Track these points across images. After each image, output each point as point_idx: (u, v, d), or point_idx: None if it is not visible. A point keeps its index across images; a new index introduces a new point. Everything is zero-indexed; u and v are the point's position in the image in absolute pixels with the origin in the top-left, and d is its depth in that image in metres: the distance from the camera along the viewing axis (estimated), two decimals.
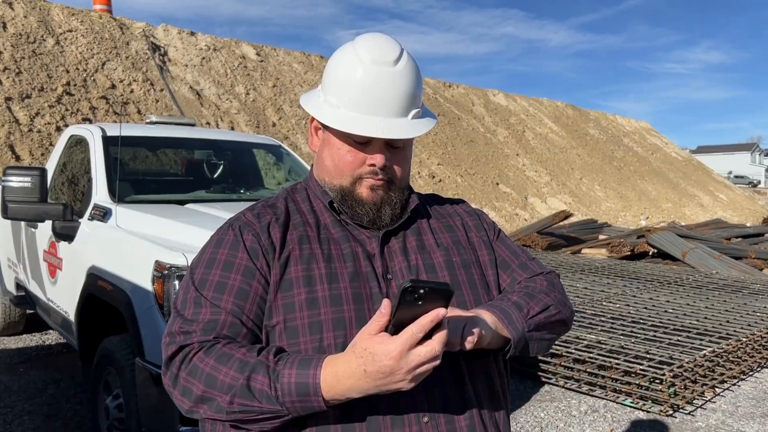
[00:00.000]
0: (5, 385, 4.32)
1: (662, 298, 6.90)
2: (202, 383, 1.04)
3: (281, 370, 1.01)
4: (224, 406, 1.03)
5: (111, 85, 11.76)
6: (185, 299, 1.16)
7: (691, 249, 10.18)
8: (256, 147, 4.85)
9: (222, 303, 1.12)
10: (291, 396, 0.99)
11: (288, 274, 1.15)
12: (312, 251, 1.18)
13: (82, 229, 3.49)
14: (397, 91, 1.16)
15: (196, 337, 1.09)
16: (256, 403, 1.01)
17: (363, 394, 0.99)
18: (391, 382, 0.96)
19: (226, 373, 1.03)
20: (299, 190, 1.31)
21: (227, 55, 14.97)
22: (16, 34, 11.19)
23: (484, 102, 22.54)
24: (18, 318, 5.29)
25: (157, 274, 2.74)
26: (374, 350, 0.94)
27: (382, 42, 1.19)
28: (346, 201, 1.21)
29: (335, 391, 0.98)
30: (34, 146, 9.70)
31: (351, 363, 0.97)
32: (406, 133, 1.17)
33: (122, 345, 2.97)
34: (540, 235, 12.48)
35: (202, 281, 1.16)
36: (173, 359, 1.09)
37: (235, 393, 1.02)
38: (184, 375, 1.07)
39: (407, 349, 0.93)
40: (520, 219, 16.67)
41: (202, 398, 1.05)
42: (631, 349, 4.90)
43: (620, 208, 21.10)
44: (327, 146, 1.23)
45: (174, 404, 2.74)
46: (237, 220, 1.24)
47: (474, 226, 1.35)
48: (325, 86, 1.22)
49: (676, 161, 29.94)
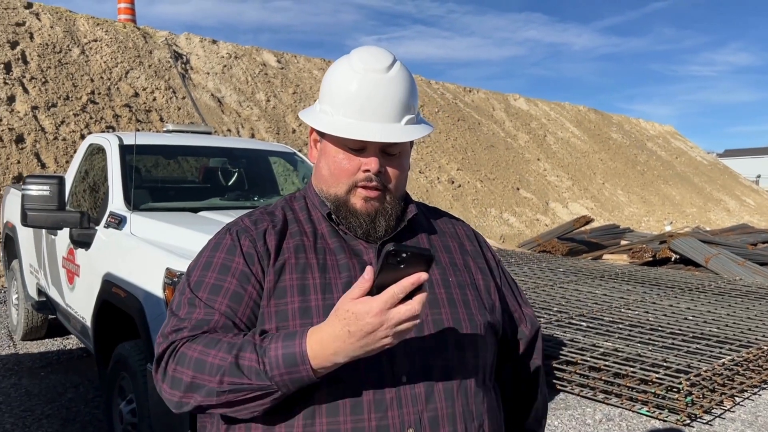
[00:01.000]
0: (26, 388, 4.41)
1: (682, 305, 6.81)
2: (191, 369, 1.05)
3: (267, 345, 1.03)
4: (215, 387, 1.03)
5: (134, 93, 11.96)
6: (180, 301, 1.17)
7: (714, 255, 10.02)
8: (270, 154, 4.90)
9: (216, 305, 1.14)
10: (279, 368, 1.00)
11: (282, 281, 1.16)
12: (307, 261, 1.19)
13: (99, 237, 3.56)
14: (390, 97, 1.18)
15: (185, 333, 1.11)
16: (245, 380, 1.02)
17: (349, 357, 1.00)
18: (374, 340, 0.97)
19: (215, 356, 1.04)
20: (298, 198, 1.32)
21: (248, 62, 15.13)
22: (43, 44, 11.44)
23: (504, 107, 22.46)
24: (40, 323, 5.40)
25: (168, 281, 2.78)
26: (356, 310, 0.96)
27: (375, 51, 1.22)
28: (341, 211, 1.22)
29: (322, 357, 1.00)
30: (59, 154, 9.90)
31: (335, 326, 0.99)
32: (398, 137, 1.18)
33: (135, 350, 3.02)
34: (560, 241, 12.39)
35: (197, 283, 1.17)
36: (162, 356, 1.11)
37: (224, 372, 1.02)
38: (173, 366, 1.08)
39: (388, 308, 0.96)
40: (541, 224, 16.56)
41: (191, 385, 1.05)
42: (648, 356, 4.84)
43: (643, 213, 20.85)
44: (324, 155, 1.24)
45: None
46: (235, 225, 1.26)
47: (471, 252, 1.35)
48: (321, 97, 1.25)
49: (702, 165, 29.50)
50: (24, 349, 5.30)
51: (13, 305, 5.71)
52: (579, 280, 8.36)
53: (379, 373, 1.11)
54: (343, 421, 1.08)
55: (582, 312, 6.31)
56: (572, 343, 5.20)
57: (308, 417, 1.09)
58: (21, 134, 9.74)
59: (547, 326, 5.71)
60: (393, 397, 1.11)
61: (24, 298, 5.27)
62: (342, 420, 1.08)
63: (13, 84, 10.34)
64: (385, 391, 1.10)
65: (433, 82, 20.57)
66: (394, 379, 1.12)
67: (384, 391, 1.10)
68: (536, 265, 9.78)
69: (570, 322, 5.89)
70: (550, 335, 5.40)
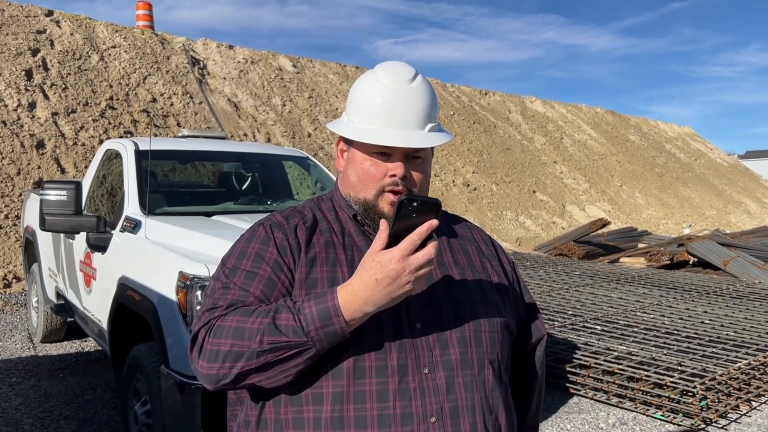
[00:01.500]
0: (45, 390, 4.49)
1: (699, 309, 6.74)
2: (230, 338, 1.11)
3: (301, 305, 1.11)
4: (255, 348, 1.09)
5: (152, 98, 12.11)
6: (214, 286, 1.23)
7: (733, 258, 9.90)
8: (284, 159, 4.95)
9: (251, 289, 1.20)
10: (315, 323, 1.08)
11: (314, 273, 1.23)
12: (336, 256, 1.26)
13: (114, 241, 3.62)
14: (414, 106, 1.27)
15: (220, 311, 1.16)
16: (284, 338, 1.08)
17: (377, 306, 1.09)
18: (399, 285, 1.07)
19: (253, 321, 1.11)
20: (325, 200, 1.39)
21: (264, 67, 15.24)
22: (63, 51, 11.63)
23: (520, 109, 22.38)
24: (59, 326, 5.49)
25: (181, 284, 2.83)
26: (380, 259, 1.07)
27: (398, 65, 1.32)
28: (369, 214, 1.29)
29: (354, 308, 1.09)
30: (78, 159, 10.06)
31: (363, 277, 1.08)
32: (422, 143, 1.26)
33: (149, 353, 3.07)
34: (577, 244, 12.32)
35: (232, 270, 1.24)
36: (197, 334, 1.16)
37: (263, 332, 1.09)
38: (210, 341, 1.13)
39: (408, 254, 1.07)
40: (558, 227, 16.47)
41: (230, 353, 1.11)
42: (663, 360, 4.81)
43: (662, 216, 20.65)
44: (351, 163, 1.31)
45: (196, 411, 2.79)
46: (267, 220, 1.33)
47: (488, 255, 1.42)
48: (349, 109, 1.33)
49: (721, 167, 29.15)
50: (43, 352, 5.40)
51: (33, 308, 5.81)
52: (595, 283, 8.31)
53: (405, 362, 1.18)
54: (370, 408, 1.15)
55: (597, 315, 6.27)
56: (586, 346, 5.17)
57: (336, 402, 1.15)
58: (41, 140, 9.91)
59: (561, 329, 5.69)
60: (416, 387, 1.17)
61: (43, 301, 5.36)
62: (369, 407, 1.15)
63: (34, 90, 10.53)
64: (409, 381, 1.17)
65: (448, 85, 20.56)
66: (418, 370, 1.19)
67: (408, 381, 1.17)
68: (552, 268, 9.74)
69: (584, 326, 5.86)
70: (564, 338, 5.39)
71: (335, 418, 1.15)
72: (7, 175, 9.10)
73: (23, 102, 10.22)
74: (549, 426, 4.06)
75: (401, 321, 1.21)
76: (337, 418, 1.15)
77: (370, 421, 1.15)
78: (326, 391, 1.16)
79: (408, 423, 1.16)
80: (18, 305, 7.05)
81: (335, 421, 1.15)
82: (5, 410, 4.11)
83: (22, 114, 10.07)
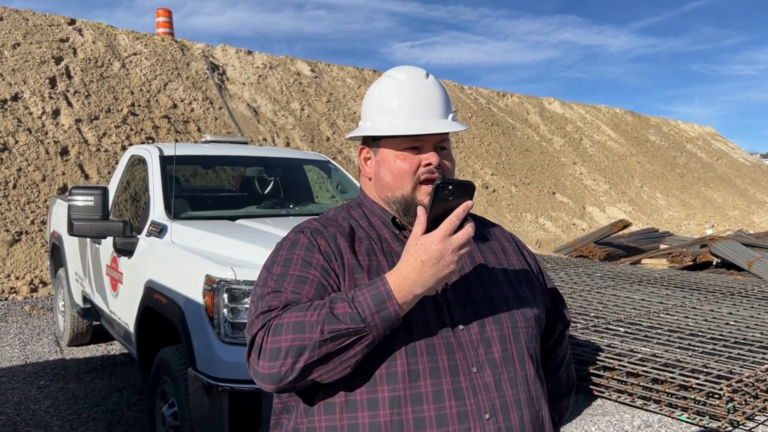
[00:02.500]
0: (73, 392, 4.57)
1: (724, 310, 6.66)
2: (290, 333, 1.12)
3: (354, 294, 1.14)
4: (317, 338, 1.10)
5: (172, 104, 12.25)
6: (263, 293, 1.23)
7: (758, 258, 9.77)
8: (305, 163, 4.99)
9: (303, 292, 1.21)
10: (370, 308, 1.12)
11: (361, 280, 1.24)
12: (379, 263, 1.29)
13: (141, 245, 3.68)
14: (435, 97, 1.33)
15: (276, 312, 1.17)
16: (342, 325, 1.11)
17: (425, 287, 1.13)
18: (444, 265, 1.12)
19: (311, 315, 1.13)
20: (354, 207, 1.41)
21: (283, 72, 15.35)
22: (86, 59, 11.82)
23: (539, 110, 22.28)
24: (85, 329, 5.57)
25: (207, 287, 2.87)
26: (423, 242, 1.12)
27: (409, 66, 1.38)
28: (410, 209, 1.31)
29: (404, 290, 1.13)
30: (102, 165, 10.20)
31: (409, 261, 1.13)
32: (452, 128, 1.32)
33: (176, 355, 3.11)
34: (598, 245, 12.23)
35: (281, 276, 1.24)
36: (255, 337, 1.16)
37: (323, 322, 1.11)
38: (269, 340, 1.14)
39: (448, 235, 1.12)
40: (578, 229, 16.36)
41: (291, 348, 1.11)
42: (688, 362, 4.76)
43: (683, 217, 20.41)
44: (383, 164, 1.34)
45: (223, 413, 2.82)
46: (306, 227, 1.34)
47: (512, 251, 1.45)
48: (368, 114, 1.37)
49: (744, 167, 28.75)
50: (70, 355, 5.48)
51: (60, 312, 5.91)
52: (616, 284, 8.24)
53: (455, 363, 1.22)
54: (427, 409, 1.19)
55: (620, 317, 6.22)
56: (609, 348, 5.14)
57: (395, 406, 1.18)
58: (65, 147, 10.07)
59: (584, 332, 5.66)
60: (468, 387, 1.21)
61: (70, 305, 5.45)
62: (426, 408, 1.19)
63: (58, 98, 10.70)
64: (461, 381, 1.21)
65: (466, 88, 20.53)
66: (467, 369, 1.23)
67: (460, 381, 1.21)
68: (573, 270, 9.68)
69: (607, 328, 5.82)
70: (587, 340, 5.35)
71: (395, 422, 1.18)
72: (32, 181, 9.27)
73: (47, 109, 10.40)
74: (573, 428, 4.04)
75: (445, 323, 1.25)
76: (397, 422, 1.18)
77: (429, 422, 1.18)
78: (382, 396, 1.19)
79: (464, 421, 1.19)
80: (45, 309, 7.17)
81: (395, 424, 1.18)
82: (35, 412, 4.19)
83: (47, 121, 10.25)
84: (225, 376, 2.77)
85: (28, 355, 5.47)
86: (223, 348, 2.81)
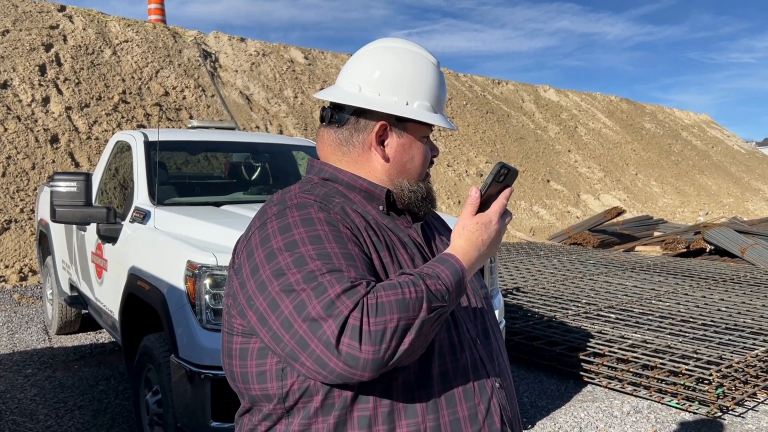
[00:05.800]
0: (60, 381, 4.53)
1: (716, 296, 6.66)
2: (395, 312, 1.03)
3: (432, 270, 1.12)
4: (424, 315, 1.05)
5: (164, 92, 12.15)
6: (310, 276, 1.06)
7: (751, 245, 9.77)
8: (293, 149, 4.93)
9: (358, 265, 1.12)
10: (452, 285, 1.11)
11: (385, 258, 1.21)
12: (390, 239, 1.26)
13: (124, 231, 3.63)
14: None
15: (363, 288, 1.05)
16: (439, 302, 1.08)
17: (481, 264, 1.19)
18: (498, 241, 1.20)
19: (409, 292, 1.05)
20: (322, 183, 1.30)
21: (276, 59, 15.23)
22: (76, 46, 11.69)
23: (534, 98, 22.20)
24: (74, 317, 5.53)
25: (189, 273, 2.83)
26: (482, 221, 1.18)
27: (418, 44, 1.36)
28: (429, 196, 1.32)
29: (469, 267, 1.16)
30: (92, 153, 10.12)
31: (470, 239, 1.17)
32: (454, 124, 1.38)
33: (160, 342, 3.07)
34: (592, 233, 12.22)
35: (324, 254, 1.09)
36: (347, 321, 1.02)
37: (424, 299, 1.06)
38: (371, 321, 1.02)
39: (502, 214, 1.20)
40: (572, 216, 16.35)
41: (397, 329, 1.02)
42: (678, 348, 4.75)
43: (678, 204, 20.43)
44: (409, 149, 1.29)
45: (206, 400, 2.79)
46: (302, 200, 1.21)
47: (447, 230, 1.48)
48: (401, 90, 1.26)
49: (739, 154, 28.76)
50: (58, 343, 5.44)
51: (48, 300, 5.86)
52: (609, 272, 8.23)
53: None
54: (461, 409, 1.22)
55: (611, 304, 6.21)
56: (600, 334, 5.12)
57: (432, 411, 1.19)
58: (56, 134, 9.98)
59: (575, 318, 5.64)
60: (477, 359, 1.28)
61: (58, 293, 5.41)
62: (459, 408, 1.22)
63: (48, 85, 10.60)
64: (474, 353, 1.27)
65: (461, 75, 20.44)
66: (472, 343, 1.29)
67: (474, 353, 1.27)
68: (566, 257, 9.66)
69: (598, 314, 5.81)
70: (577, 327, 5.34)
71: (431, 427, 1.19)
72: (21, 169, 9.19)
73: (37, 97, 10.29)
74: (563, 414, 4.03)
75: (460, 326, 1.29)
76: (434, 426, 1.19)
77: (459, 399, 1.23)
78: (421, 404, 1.19)
79: (485, 392, 1.26)
80: (34, 298, 7.12)
81: (432, 430, 1.19)
82: (21, 401, 4.16)
83: (36, 109, 10.15)
84: (207, 363, 2.74)
85: (15, 343, 5.42)
86: (205, 334, 2.78)
